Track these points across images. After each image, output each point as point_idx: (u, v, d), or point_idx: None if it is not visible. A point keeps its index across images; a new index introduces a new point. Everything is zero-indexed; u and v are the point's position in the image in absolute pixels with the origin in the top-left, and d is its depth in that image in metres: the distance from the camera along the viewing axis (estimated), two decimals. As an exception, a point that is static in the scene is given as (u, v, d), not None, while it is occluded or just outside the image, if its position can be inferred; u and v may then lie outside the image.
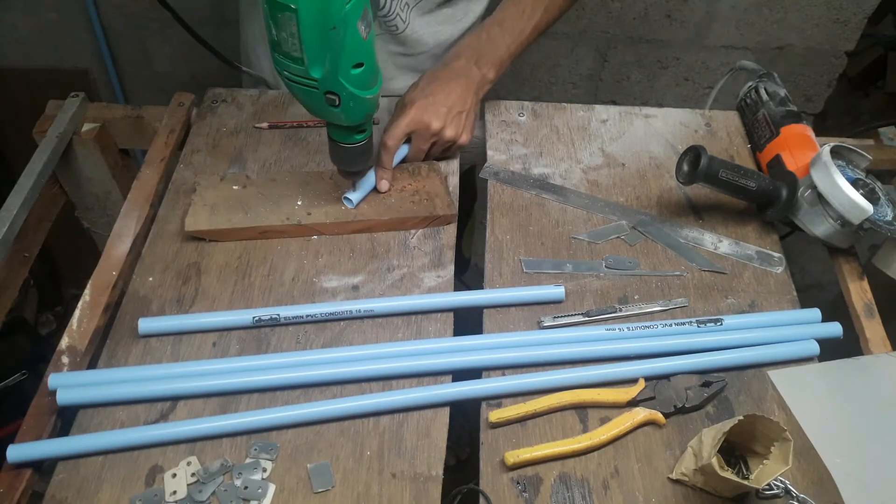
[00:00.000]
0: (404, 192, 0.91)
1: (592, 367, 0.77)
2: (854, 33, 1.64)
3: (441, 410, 0.73)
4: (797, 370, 0.79)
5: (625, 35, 1.69)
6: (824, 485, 0.70)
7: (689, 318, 0.80)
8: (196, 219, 0.86)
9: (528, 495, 0.68)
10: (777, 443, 0.65)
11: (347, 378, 0.75)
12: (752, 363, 0.78)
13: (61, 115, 0.99)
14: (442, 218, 0.89)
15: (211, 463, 0.69)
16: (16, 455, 0.68)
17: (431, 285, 0.84)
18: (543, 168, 0.98)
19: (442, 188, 0.91)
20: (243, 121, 1.02)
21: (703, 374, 0.76)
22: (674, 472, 0.70)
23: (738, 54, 1.68)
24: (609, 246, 0.89)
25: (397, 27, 1.00)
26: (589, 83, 1.80)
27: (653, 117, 1.07)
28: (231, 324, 0.79)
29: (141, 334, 0.77)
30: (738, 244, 0.91)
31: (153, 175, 0.96)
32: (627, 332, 0.79)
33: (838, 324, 0.81)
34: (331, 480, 0.68)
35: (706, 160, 0.84)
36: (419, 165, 0.94)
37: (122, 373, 0.75)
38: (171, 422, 0.72)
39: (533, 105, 1.07)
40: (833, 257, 0.93)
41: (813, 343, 0.80)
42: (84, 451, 0.69)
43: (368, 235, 0.89)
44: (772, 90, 1.01)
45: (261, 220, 0.86)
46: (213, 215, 0.86)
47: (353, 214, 0.88)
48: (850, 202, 0.82)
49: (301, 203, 0.88)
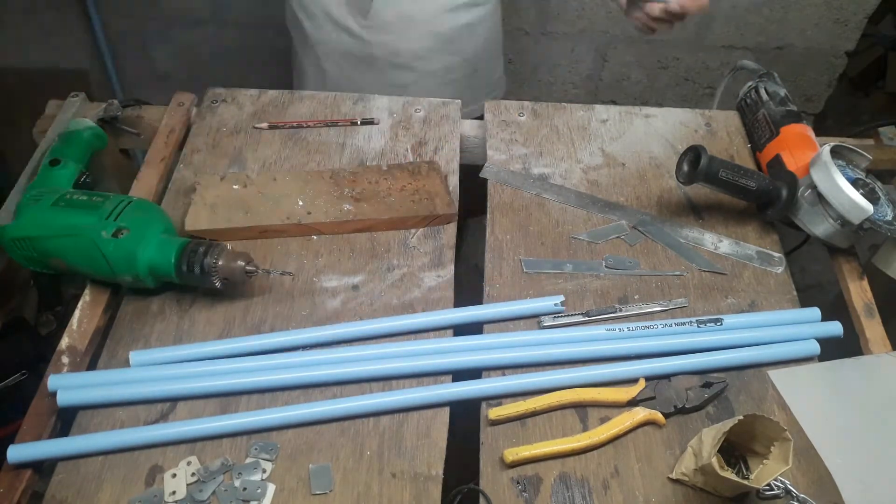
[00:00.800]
0: (404, 192, 0.91)
1: (592, 366, 0.77)
2: (854, 33, 1.64)
3: (441, 410, 0.73)
4: (797, 370, 0.79)
5: (625, 35, 1.69)
6: (824, 485, 0.70)
7: (689, 318, 0.80)
8: (196, 218, 0.86)
9: (528, 495, 0.68)
10: (777, 443, 0.65)
11: (348, 378, 0.75)
12: (753, 363, 0.78)
13: (61, 115, 0.99)
14: (442, 217, 0.89)
15: (211, 462, 0.69)
16: (16, 455, 0.68)
17: (431, 285, 0.84)
18: (543, 168, 0.98)
19: (442, 187, 0.92)
20: (243, 121, 1.02)
21: (703, 375, 0.76)
22: (674, 471, 0.70)
23: (738, 54, 1.68)
24: (609, 246, 0.89)
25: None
26: (589, 83, 1.80)
27: (653, 117, 1.07)
28: (225, 352, 0.77)
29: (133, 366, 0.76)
30: (739, 244, 0.91)
31: (153, 175, 0.96)
32: (627, 332, 0.79)
33: (838, 323, 0.81)
34: (330, 483, 0.67)
35: (706, 160, 0.84)
36: (419, 165, 0.94)
37: (121, 374, 0.74)
38: (170, 422, 0.72)
39: (533, 105, 1.07)
40: (833, 257, 0.93)
41: (813, 343, 0.80)
42: (84, 451, 0.69)
43: (368, 235, 0.89)
44: (772, 90, 1.01)
45: (261, 219, 0.86)
46: (213, 215, 0.86)
47: (353, 214, 0.88)
48: (850, 202, 0.82)
49: (301, 203, 0.88)
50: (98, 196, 0.80)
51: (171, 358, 0.76)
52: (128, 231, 0.76)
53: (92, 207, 0.78)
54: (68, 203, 0.79)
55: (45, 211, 0.79)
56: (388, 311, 0.81)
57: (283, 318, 0.80)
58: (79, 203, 0.79)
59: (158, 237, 0.78)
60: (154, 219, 0.80)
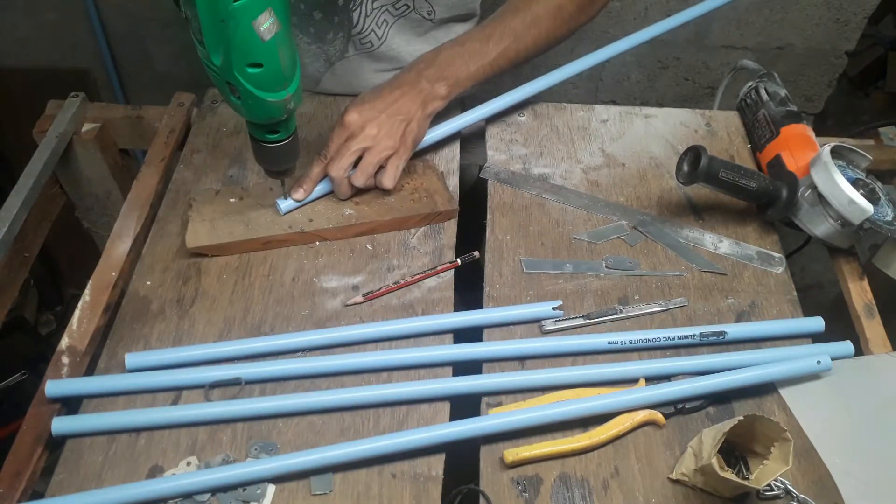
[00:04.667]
0: (403, 192, 0.90)
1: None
2: (854, 33, 1.64)
3: (441, 411, 0.73)
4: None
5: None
6: (825, 485, 0.70)
7: (691, 329, 0.79)
8: (196, 235, 0.85)
9: (528, 495, 0.68)
10: (777, 443, 0.65)
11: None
12: (762, 382, 0.76)
13: (61, 115, 0.99)
14: (444, 214, 0.89)
15: (212, 459, 0.69)
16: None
17: (431, 286, 0.84)
18: (543, 168, 0.98)
19: (440, 184, 0.91)
20: (243, 121, 1.01)
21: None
22: (674, 472, 0.70)
23: (738, 54, 1.68)
24: (609, 246, 0.89)
25: (372, 44, 0.99)
26: (589, 83, 1.80)
27: (653, 117, 1.07)
28: (224, 356, 0.77)
29: (129, 369, 0.75)
30: (739, 244, 0.91)
31: (153, 175, 0.96)
32: (630, 343, 0.78)
33: (850, 342, 0.80)
34: (330, 483, 0.67)
35: (706, 160, 0.84)
36: (414, 163, 0.93)
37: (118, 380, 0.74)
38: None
39: (533, 105, 1.07)
40: (833, 257, 0.93)
41: (826, 359, 0.76)
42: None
43: (368, 236, 0.89)
44: (772, 90, 1.01)
45: (262, 231, 0.85)
46: (213, 230, 0.85)
47: (354, 217, 0.87)
48: (851, 202, 0.82)
49: (301, 210, 0.88)
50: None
51: (167, 361, 0.75)
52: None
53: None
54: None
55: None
56: (387, 311, 0.81)
57: (283, 319, 0.80)
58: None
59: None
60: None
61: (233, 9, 0.63)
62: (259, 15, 0.65)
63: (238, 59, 0.67)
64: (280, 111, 0.74)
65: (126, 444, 0.70)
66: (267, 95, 0.71)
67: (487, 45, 0.91)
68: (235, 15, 0.64)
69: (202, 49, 0.69)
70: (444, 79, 0.89)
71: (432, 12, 0.98)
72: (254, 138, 0.79)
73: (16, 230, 0.88)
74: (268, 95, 0.71)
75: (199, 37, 0.67)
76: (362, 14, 0.95)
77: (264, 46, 0.67)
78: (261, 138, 0.78)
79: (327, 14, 0.96)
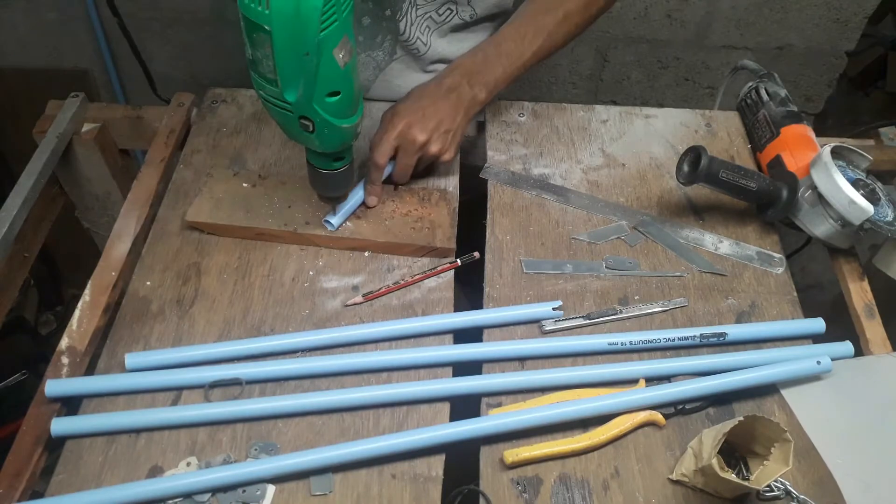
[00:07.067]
0: (408, 217, 0.88)
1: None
2: (854, 33, 1.64)
3: (441, 412, 0.73)
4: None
5: (625, 35, 1.68)
6: (825, 485, 0.70)
7: (691, 331, 0.79)
8: (198, 210, 0.87)
9: (528, 496, 0.68)
10: (777, 444, 0.65)
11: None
12: (763, 384, 0.76)
13: (61, 115, 0.99)
14: (439, 251, 0.86)
15: (212, 459, 0.69)
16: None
17: (431, 286, 0.84)
18: (543, 168, 0.98)
19: (447, 220, 0.88)
20: (243, 121, 1.02)
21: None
22: (674, 472, 0.70)
23: (738, 54, 1.68)
24: (609, 246, 0.89)
25: (419, 50, 0.99)
26: (589, 83, 1.80)
27: (653, 117, 1.07)
28: (223, 356, 0.77)
29: (128, 369, 0.75)
30: (739, 245, 0.91)
31: (153, 175, 0.96)
32: (630, 344, 0.78)
33: (849, 343, 0.80)
34: (330, 484, 0.67)
35: (706, 160, 0.84)
36: (430, 192, 0.91)
37: (118, 380, 0.74)
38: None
39: (533, 105, 1.07)
40: (833, 257, 0.93)
41: (826, 360, 0.76)
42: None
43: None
44: (772, 90, 1.01)
45: (259, 221, 0.86)
46: (215, 209, 0.87)
47: (349, 232, 0.86)
48: (851, 202, 0.82)
49: (302, 212, 0.88)
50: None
51: (167, 361, 0.75)
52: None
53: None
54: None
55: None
56: (387, 311, 0.81)
57: (283, 319, 0.80)
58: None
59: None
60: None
61: (319, 40, 0.63)
62: (339, 42, 0.65)
63: (319, 90, 0.67)
64: (352, 136, 0.75)
65: (126, 444, 0.70)
66: (342, 122, 0.72)
67: (523, 45, 0.92)
68: (321, 46, 0.64)
69: (272, 88, 0.68)
70: (484, 84, 0.91)
71: (474, 15, 0.99)
72: (315, 168, 0.79)
73: (16, 230, 0.88)
74: (343, 122, 0.72)
75: (272, 76, 0.66)
76: (408, 23, 0.96)
77: (342, 73, 0.68)
78: (326, 167, 0.79)
79: (376, 18, 0.96)
